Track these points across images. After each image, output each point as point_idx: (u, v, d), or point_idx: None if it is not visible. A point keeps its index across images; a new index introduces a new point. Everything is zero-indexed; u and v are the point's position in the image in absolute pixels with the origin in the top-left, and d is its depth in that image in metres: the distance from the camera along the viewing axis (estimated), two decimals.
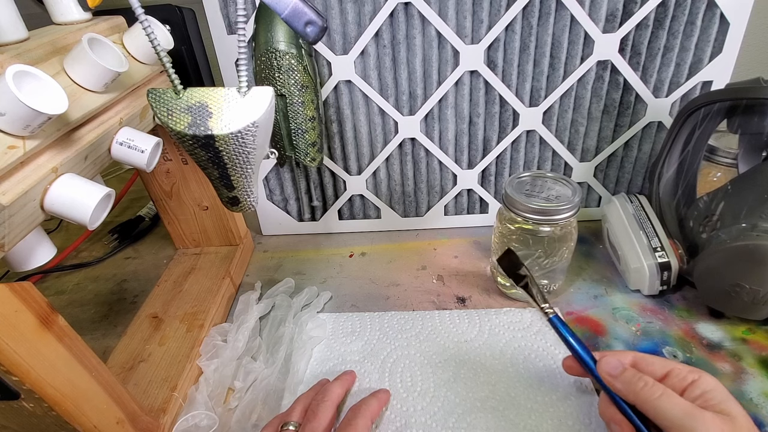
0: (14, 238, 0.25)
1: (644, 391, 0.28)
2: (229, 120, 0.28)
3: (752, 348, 0.39)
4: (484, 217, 0.59)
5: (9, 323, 0.23)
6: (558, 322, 0.34)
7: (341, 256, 0.55)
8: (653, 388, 0.28)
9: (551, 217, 0.40)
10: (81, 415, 0.27)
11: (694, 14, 0.45)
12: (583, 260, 0.51)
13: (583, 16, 0.45)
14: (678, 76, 0.48)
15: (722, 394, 0.27)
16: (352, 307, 0.47)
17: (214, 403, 0.37)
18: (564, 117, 0.51)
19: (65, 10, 0.35)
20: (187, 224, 0.53)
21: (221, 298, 0.47)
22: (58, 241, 0.58)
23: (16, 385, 0.24)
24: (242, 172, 0.31)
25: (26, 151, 0.25)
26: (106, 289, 0.54)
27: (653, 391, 0.28)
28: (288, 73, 0.39)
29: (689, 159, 0.45)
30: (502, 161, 0.55)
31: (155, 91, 0.28)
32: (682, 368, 0.29)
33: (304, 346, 0.42)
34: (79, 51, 0.30)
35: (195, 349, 0.41)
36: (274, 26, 0.38)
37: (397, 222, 0.59)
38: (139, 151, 0.34)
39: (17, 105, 0.23)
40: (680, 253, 0.43)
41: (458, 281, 0.50)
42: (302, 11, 0.28)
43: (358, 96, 0.50)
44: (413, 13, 0.45)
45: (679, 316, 0.43)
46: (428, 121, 0.52)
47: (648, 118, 0.51)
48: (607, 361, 0.31)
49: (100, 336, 0.47)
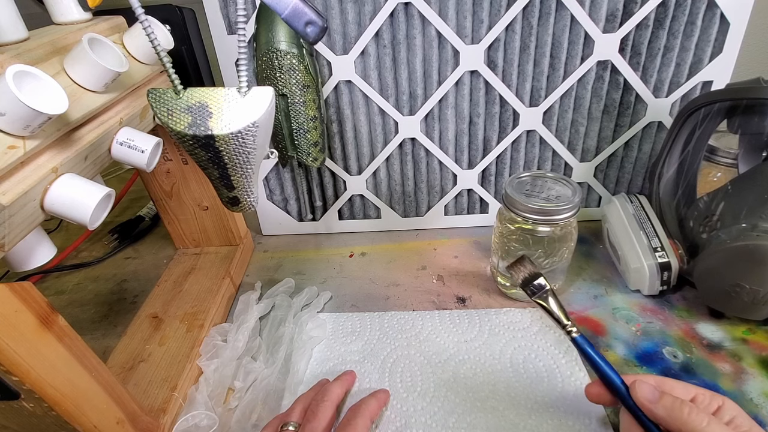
0: (14, 238, 0.25)
1: (692, 418, 0.27)
2: (229, 120, 0.28)
3: (752, 348, 0.39)
4: (484, 217, 0.59)
5: (9, 323, 0.23)
6: (584, 342, 0.32)
7: (341, 256, 0.55)
8: (700, 415, 0.27)
9: (551, 217, 0.40)
10: (81, 415, 0.27)
11: (694, 14, 0.45)
12: (583, 260, 0.51)
13: (584, 16, 0.45)
14: (678, 76, 0.48)
15: (747, 420, 0.28)
16: (352, 307, 0.47)
17: (214, 403, 0.37)
18: (564, 117, 0.51)
19: (65, 10, 0.35)
20: (187, 224, 0.53)
21: (221, 298, 0.47)
22: (58, 241, 0.58)
23: (16, 385, 0.24)
24: (242, 172, 0.31)
25: (26, 151, 0.25)
26: (106, 289, 0.54)
27: (701, 419, 0.27)
28: (289, 72, 0.39)
29: (689, 159, 0.45)
30: (502, 161, 0.55)
31: (155, 91, 0.28)
32: (705, 393, 0.29)
33: (304, 346, 0.42)
34: (79, 51, 0.30)
35: (195, 349, 0.41)
36: (275, 26, 0.38)
37: (397, 222, 0.59)
38: (140, 151, 0.34)
39: (17, 105, 0.23)
40: (680, 253, 0.43)
41: (458, 281, 0.50)
42: (302, 11, 0.28)
43: (358, 96, 0.50)
44: (413, 13, 0.45)
45: (679, 316, 0.43)
46: (428, 121, 0.52)
47: (648, 118, 0.51)
48: (641, 387, 0.29)
49: (100, 336, 0.47)
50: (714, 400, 0.28)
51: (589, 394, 0.32)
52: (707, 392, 0.29)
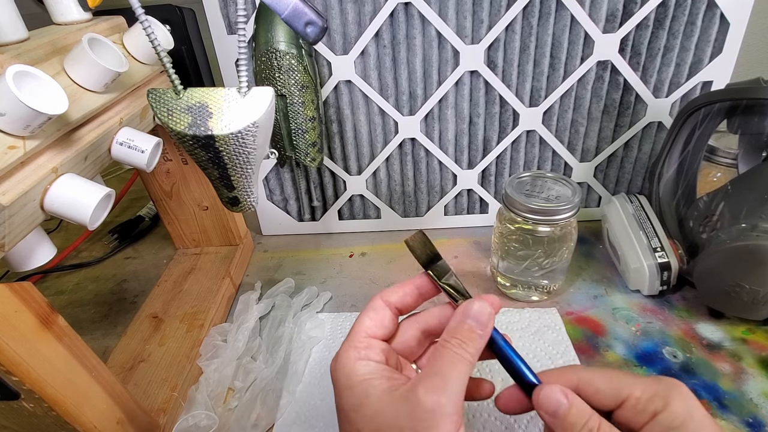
0: (14, 238, 0.25)
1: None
2: (229, 120, 0.28)
3: (752, 348, 0.39)
4: (484, 217, 0.59)
5: (9, 323, 0.23)
6: (498, 337, 0.26)
7: (341, 256, 0.55)
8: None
9: (551, 217, 0.40)
10: (81, 415, 0.27)
11: (694, 14, 0.45)
12: (583, 260, 0.51)
13: (584, 16, 0.45)
14: (678, 76, 0.48)
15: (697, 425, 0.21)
16: (352, 307, 0.47)
17: (214, 403, 0.37)
18: (564, 117, 0.51)
19: (65, 10, 0.35)
20: (187, 224, 0.53)
21: (221, 298, 0.47)
22: (58, 241, 0.58)
23: (16, 385, 0.24)
24: (242, 172, 0.31)
25: (26, 151, 0.25)
26: (106, 289, 0.54)
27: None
28: (288, 73, 0.39)
29: (689, 159, 0.45)
30: (502, 161, 0.55)
31: (155, 91, 0.28)
32: (641, 394, 0.22)
33: (303, 346, 0.42)
34: (79, 51, 0.30)
35: (195, 349, 0.41)
36: (274, 26, 0.38)
37: (397, 222, 0.59)
38: (139, 151, 0.34)
39: (17, 105, 0.23)
40: (680, 253, 0.43)
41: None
42: (302, 11, 0.28)
43: (358, 96, 0.50)
44: (413, 13, 0.45)
45: (679, 316, 0.43)
46: (428, 121, 0.52)
47: (648, 119, 0.51)
48: (546, 395, 0.23)
49: (100, 336, 0.47)
50: (651, 404, 0.22)
51: (500, 404, 0.26)
52: (647, 390, 0.22)
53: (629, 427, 0.22)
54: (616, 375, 0.24)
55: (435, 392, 0.21)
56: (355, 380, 0.23)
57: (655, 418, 0.21)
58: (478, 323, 0.24)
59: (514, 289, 0.46)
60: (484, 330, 0.24)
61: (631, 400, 0.22)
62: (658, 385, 0.22)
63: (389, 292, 0.27)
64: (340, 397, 0.24)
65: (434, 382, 0.22)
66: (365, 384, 0.23)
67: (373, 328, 0.26)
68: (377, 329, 0.26)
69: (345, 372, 0.24)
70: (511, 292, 0.47)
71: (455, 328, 0.24)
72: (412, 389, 0.22)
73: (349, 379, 0.23)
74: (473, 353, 0.23)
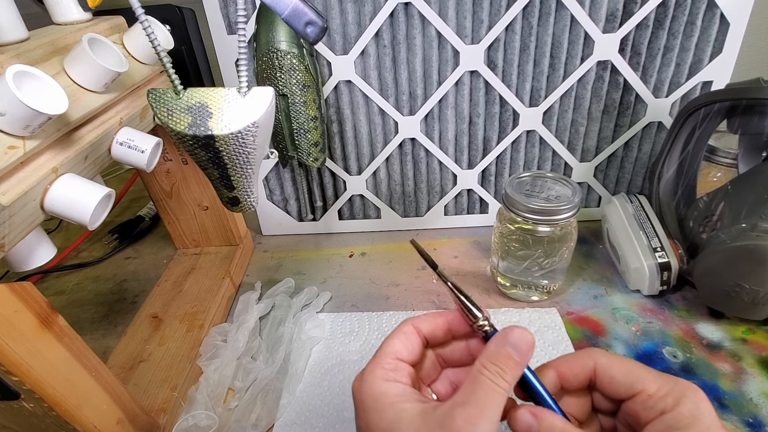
0: (14, 238, 0.25)
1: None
2: (229, 120, 0.28)
3: (752, 348, 0.39)
4: (484, 217, 0.59)
5: (9, 323, 0.23)
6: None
7: (341, 256, 0.55)
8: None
9: (551, 217, 0.40)
10: (81, 415, 0.27)
11: (694, 14, 0.45)
12: (583, 260, 0.51)
13: (583, 16, 0.45)
14: (678, 76, 0.48)
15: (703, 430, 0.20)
16: (352, 307, 0.47)
17: (214, 403, 0.37)
18: (564, 117, 0.51)
19: (65, 10, 0.35)
20: (187, 224, 0.53)
21: (221, 298, 0.47)
22: (58, 241, 0.58)
23: (16, 385, 0.24)
24: (242, 172, 0.31)
25: (26, 151, 0.25)
26: (106, 289, 0.54)
27: None
28: (290, 72, 0.39)
29: (689, 159, 0.45)
30: (502, 161, 0.55)
31: (155, 91, 0.28)
32: (655, 392, 0.22)
33: (303, 346, 0.42)
34: (79, 51, 0.30)
35: (195, 349, 0.41)
36: (275, 26, 0.38)
37: (397, 222, 0.59)
38: (140, 151, 0.34)
39: (17, 105, 0.23)
40: (680, 253, 0.43)
41: (458, 281, 0.49)
42: (302, 11, 0.28)
43: (358, 96, 0.50)
44: (413, 13, 0.45)
45: (679, 316, 0.43)
46: (428, 121, 0.52)
47: (648, 118, 0.51)
48: (514, 418, 0.23)
49: (100, 336, 0.47)
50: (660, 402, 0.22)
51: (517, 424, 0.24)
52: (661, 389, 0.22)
53: (636, 420, 0.22)
54: (634, 367, 0.23)
55: (472, 423, 0.21)
56: (385, 402, 0.23)
57: (661, 417, 0.21)
58: (518, 351, 0.23)
59: (514, 289, 0.46)
60: (522, 359, 0.23)
61: (643, 395, 0.22)
62: (673, 386, 0.22)
63: (420, 320, 0.27)
64: (367, 419, 0.23)
65: (471, 412, 0.21)
66: (396, 407, 0.22)
67: (402, 352, 0.25)
68: (406, 353, 0.25)
69: (372, 393, 0.23)
70: (511, 292, 0.47)
71: (495, 353, 0.23)
72: (449, 416, 0.21)
73: (377, 401, 0.23)
74: (510, 381, 0.23)
